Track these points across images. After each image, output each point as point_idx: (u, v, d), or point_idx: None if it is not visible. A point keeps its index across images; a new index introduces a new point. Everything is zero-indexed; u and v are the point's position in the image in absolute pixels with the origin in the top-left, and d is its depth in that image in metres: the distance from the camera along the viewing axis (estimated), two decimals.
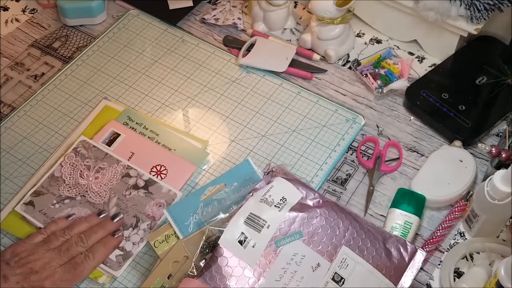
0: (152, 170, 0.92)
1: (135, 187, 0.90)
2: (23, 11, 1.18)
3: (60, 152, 0.95)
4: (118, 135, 0.96)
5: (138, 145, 0.95)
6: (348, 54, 1.09)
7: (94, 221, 0.86)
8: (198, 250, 0.81)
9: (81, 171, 0.92)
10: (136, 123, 0.98)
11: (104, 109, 1.00)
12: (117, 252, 0.85)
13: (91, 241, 0.83)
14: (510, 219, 0.84)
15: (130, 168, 0.92)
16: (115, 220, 0.86)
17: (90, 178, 0.91)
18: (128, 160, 0.93)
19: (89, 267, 0.81)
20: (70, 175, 0.91)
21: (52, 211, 0.88)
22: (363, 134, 0.98)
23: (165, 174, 0.92)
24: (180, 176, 0.92)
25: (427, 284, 0.83)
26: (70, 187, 0.90)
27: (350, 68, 1.07)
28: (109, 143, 0.95)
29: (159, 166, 0.93)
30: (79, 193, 0.90)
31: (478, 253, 0.84)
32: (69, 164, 0.92)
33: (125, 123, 0.98)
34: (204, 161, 0.95)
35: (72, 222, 0.85)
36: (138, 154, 0.94)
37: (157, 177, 0.91)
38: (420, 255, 0.81)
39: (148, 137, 0.96)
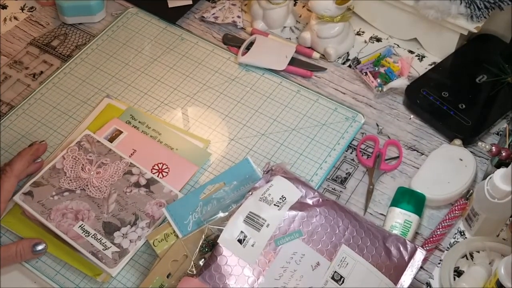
0: (154, 168, 0.92)
1: (137, 185, 0.90)
2: (22, 9, 1.17)
3: (60, 150, 0.95)
4: (120, 132, 0.96)
5: (140, 143, 0.95)
6: (348, 53, 1.08)
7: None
8: (198, 249, 0.81)
9: (83, 164, 0.91)
10: (139, 121, 0.98)
11: (106, 107, 1.00)
12: (113, 248, 0.84)
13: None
14: (510, 218, 0.84)
15: (133, 166, 0.91)
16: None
17: (92, 173, 0.91)
18: (130, 157, 0.93)
19: (7, 179, 0.85)
20: (72, 168, 0.91)
21: (50, 202, 0.88)
22: (362, 133, 0.98)
23: (167, 173, 0.92)
24: (181, 176, 0.92)
25: (427, 283, 0.83)
26: (70, 180, 0.90)
27: (349, 66, 1.07)
28: (111, 139, 0.95)
29: (161, 164, 0.93)
30: (79, 187, 0.89)
31: (478, 252, 0.84)
32: (72, 157, 0.92)
33: (127, 122, 0.97)
34: (206, 161, 0.94)
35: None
36: (140, 152, 0.94)
37: (158, 175, 0.91)
38: (420, 254, 0.80)
39: (151, 136, 0.96)
